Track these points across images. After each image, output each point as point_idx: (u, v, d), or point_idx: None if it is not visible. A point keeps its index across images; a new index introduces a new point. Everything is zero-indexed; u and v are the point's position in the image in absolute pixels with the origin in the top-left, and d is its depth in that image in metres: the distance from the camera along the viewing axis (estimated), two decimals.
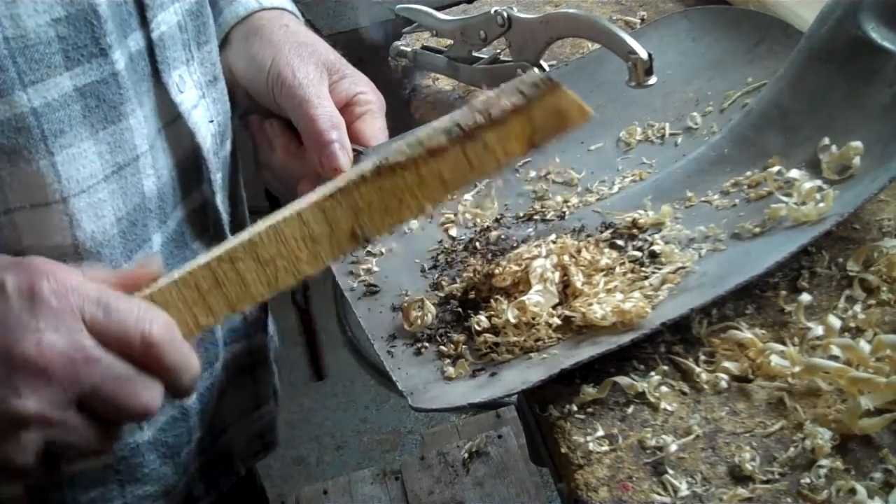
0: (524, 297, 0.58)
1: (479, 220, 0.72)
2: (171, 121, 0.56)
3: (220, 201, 0.62)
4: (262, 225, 0.46)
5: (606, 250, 0.63)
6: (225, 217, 0.63)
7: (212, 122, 0.60)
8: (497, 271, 0.61)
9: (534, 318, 0.58)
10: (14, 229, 0.49)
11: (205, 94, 0.59)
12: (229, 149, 0.64)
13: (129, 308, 0.43)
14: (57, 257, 0.49)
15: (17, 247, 0.49)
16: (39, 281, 0.41)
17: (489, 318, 0.59)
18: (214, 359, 0.65)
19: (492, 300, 0.61)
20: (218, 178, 0.61)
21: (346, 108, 0.63)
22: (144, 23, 0.53)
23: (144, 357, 0.43)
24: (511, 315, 0.58)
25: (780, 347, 0.52)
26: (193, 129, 0.57)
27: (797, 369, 0.51)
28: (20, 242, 0.49)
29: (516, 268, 0.61)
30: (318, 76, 0.62)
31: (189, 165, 0.59)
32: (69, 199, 0.49)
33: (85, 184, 0.50)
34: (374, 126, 0.63)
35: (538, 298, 0.58)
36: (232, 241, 0.46)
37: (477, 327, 0.59)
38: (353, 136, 0.61)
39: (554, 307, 0.58)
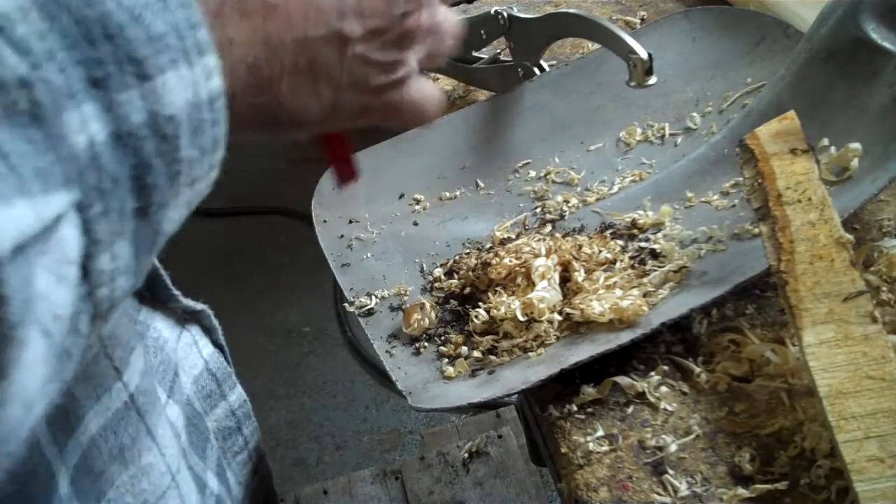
0: (531, 294, 0.58)
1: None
2: None
3: None
4: None
5: (611, 242, 0.63)
6: None
7: None
8: (494, 262, 0.62)
9: (538, 316, 0.58)
10: None
11: None
12: None
13: None
14: None
15: None
16: None
17: (487, 310, 0.60)
18: None
19: (489, 293, 0.61)
20: None
21: None
22: None
23: None
24: (519, 312, 0.58)
25: (770, 347, 0.52)
26: None
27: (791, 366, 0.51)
28: None
29: (515, 260, 0.61)
30: None
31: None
32: None
33: None
34: None
35: (544, 294, 0.58)
36: None
37: (476, 321, 0.60)
38: None
39: (554, 304, 0.59)
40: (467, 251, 0.69)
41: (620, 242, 0.64)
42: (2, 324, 0.22)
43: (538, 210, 0.72)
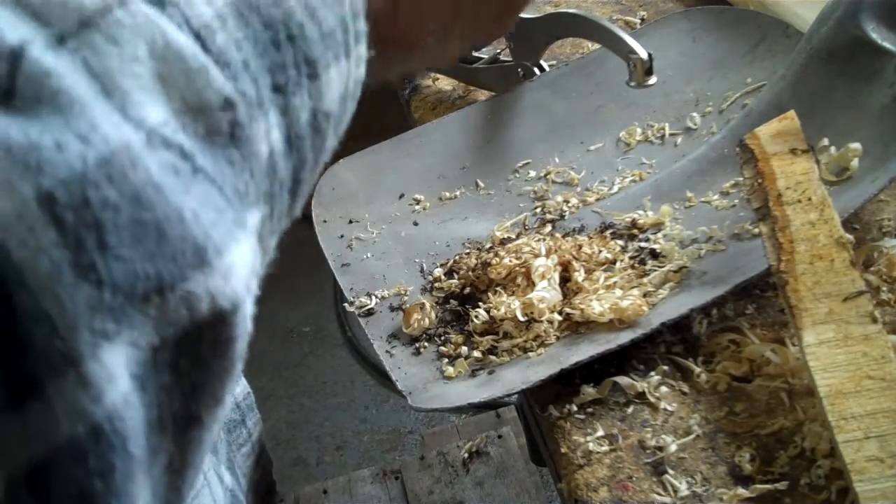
0: (531, 294, 0.58)
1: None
2: None
3: None
4: None
5: (611, 242, 0.63)
6: None
7: None
8: (494, 262, 0.62)
9: (538, 316, 0.58)
10: None
11: None
12: None
13: None
14: None
15: None
16: None
17: (487, 310, 0.60)
18: None
19: (489, 293, 0.61)
20: None
21: None
22: None
23: None
24: (519, 312, 0.58)
25: (770, 347, 0.52)
26: None
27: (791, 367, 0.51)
28: None
29: (515, 260, 0.61)
30: None
31: None
32: None
33: None
34: None
35: (544, 294, 0.58)
36: None
37: (476, 321, 0.60)
38: None
39: (554, 304, 0.59)
40: (467, 251, 0.69)
41: (620, 242, 0.64)
42: (231, 363, 0.22)
43: (538, 210, 0.72)
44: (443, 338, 0.61)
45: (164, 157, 0.19)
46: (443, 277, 0.66)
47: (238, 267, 0.21)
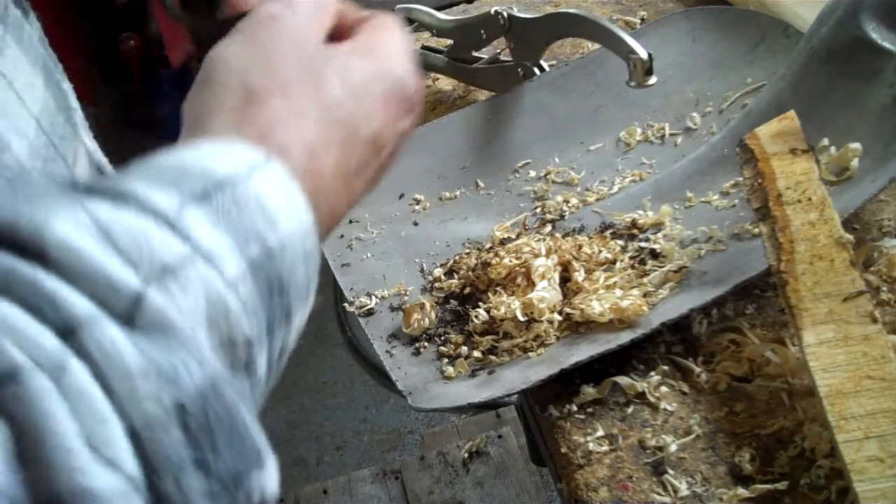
0: (531, 294, 0.58)
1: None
2: None
3: None
4: None
5: (611, 242, 0.63)
6: None
7: None
8: (494, 262, 0.62)
9: (538, 316, 0.58)
10: None
11: None
12: None
13: None
14: None
15: None
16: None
17: (487, 310, 0.60)
18: None
19: (489, 293, 0.61)
20: None
21: None
22: None
23: None
24: (519, 312, 0.58)
25: (770, 347, 0.52)
26: None
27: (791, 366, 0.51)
28: None
29: (515, 260, 0.61)
30: None
31: None
32: None
33: None
34: None
35: (544, 294, 0.58)
36: None
37: (476, 321, 0.60)
38: None
39: (554, 304, 0.59)
40: (467, 251, 0.69)
41: (620, 242, 0.64)
42: None
43: (538, 210, 0.72)
44: (443, 338, 0.61)
45: (227, 381, 0.26)
46: (443, 277, 0.66)
47: (274, 467, 0.27)
